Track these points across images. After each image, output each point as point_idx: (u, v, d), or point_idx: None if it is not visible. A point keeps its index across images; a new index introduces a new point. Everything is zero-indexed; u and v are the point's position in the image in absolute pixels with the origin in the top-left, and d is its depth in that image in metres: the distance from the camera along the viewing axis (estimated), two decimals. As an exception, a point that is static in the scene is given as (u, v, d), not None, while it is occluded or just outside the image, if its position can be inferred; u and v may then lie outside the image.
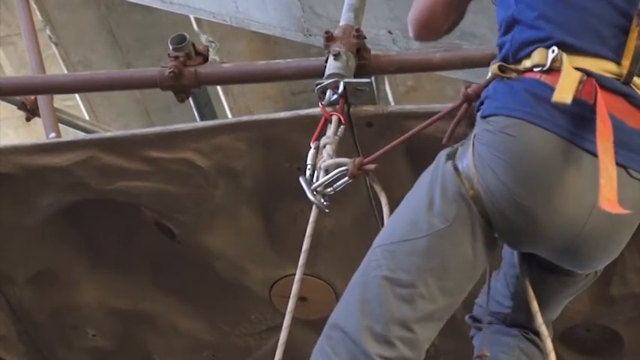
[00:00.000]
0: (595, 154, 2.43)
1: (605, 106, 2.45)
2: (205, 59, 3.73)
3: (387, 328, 2.46)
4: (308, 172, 2.97)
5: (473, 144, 2.54)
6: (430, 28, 2.94)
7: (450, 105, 2.81)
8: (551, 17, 2.58)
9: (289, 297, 2.81)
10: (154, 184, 3.54)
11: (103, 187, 3.57)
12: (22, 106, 5.01)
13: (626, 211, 2.37)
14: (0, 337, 4.04)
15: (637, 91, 2.56)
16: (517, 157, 2.47)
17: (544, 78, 2.52)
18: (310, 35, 4.93)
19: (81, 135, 4.93)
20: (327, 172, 2.92)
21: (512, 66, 2.58)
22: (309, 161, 3.00)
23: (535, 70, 2.54)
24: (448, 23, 2.96)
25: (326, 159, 2.96)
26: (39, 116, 4.87)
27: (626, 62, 2.55)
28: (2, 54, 7.01)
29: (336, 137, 3.08)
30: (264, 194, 3.60)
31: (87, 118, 6.83)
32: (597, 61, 2.55)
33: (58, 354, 4.12)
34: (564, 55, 2.50)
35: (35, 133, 6.56)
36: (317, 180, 2.93)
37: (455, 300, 2.56)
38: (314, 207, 2.92)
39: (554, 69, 2.50)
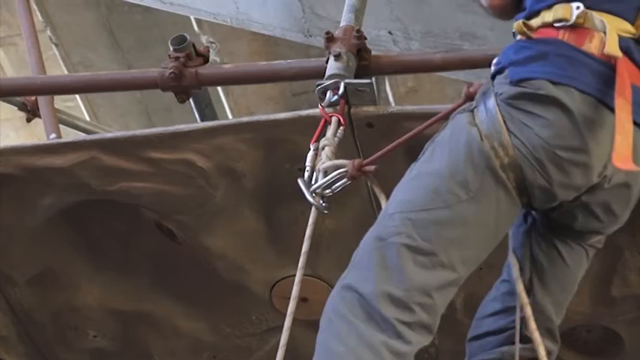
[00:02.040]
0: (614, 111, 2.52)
1: (625, 68, 2.55)
2: (206, 60, 3.74)
3: (408, 294, 2.47)
4: (307, 174, 2.97)
5: (499, 108, 2.55)
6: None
7: (450, 106, 2.81)
8: None
9: (290, 298, 2.81)
10: (155, 184, 3.54)
11: (103, 187, 3.57)
12: (22, 107, 5.01)
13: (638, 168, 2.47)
14: (0, 337, 4.04)
15: None
16: (557, 116, 2.51)
17: (567, 38, 2.59)
18: (311, 36, 4.93)
19: (82, 136, 4.92)
20: (325, 173, 2.92)
21: (532, 21, 2.64)
22: (307, 163, 3.00)
23: (556, 24, 2.60)
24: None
25: (324, 161, 2.96)
26: (40, 117, 4.87)
27: None
28: (3, 55, 7.00)
29: (336, 139, 3.07)
30: (265, 195, 3.60)
31: (87, 118, 6.82)
32: (617, 19, 2.63)
33: (58, 355, 4.12)
34: (593, 13, 2.59)
35: (36, 134, 6.56)
36: (316, 182, 2.93)
37: (473, 268, 2.59)
38: (313, 209, 2.92)
39: (577, 25, 2.59)
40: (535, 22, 2.65)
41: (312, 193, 2.89)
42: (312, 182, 2.93)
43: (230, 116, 6.68)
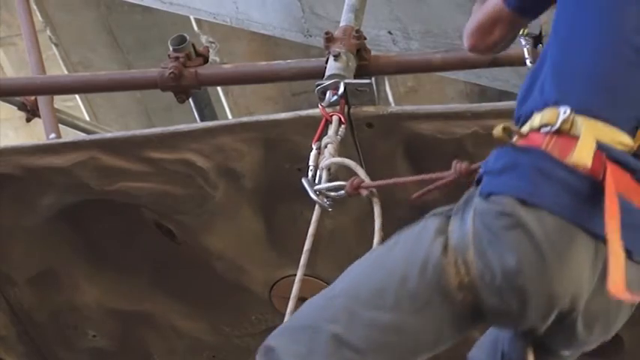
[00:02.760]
0: (601, 237, 2.26)
1: (613, 184, 2.27)
2: (206, 60, 3.74)
3: None
4: (310, 173, 2.97)
5: (473, 223, 2.32)
6: (477, 40, 2.75)
7: (444, 178, 2.61)
8: (566, 70, 2.39)
9: (290, 297, 2.81)
10: (155, 184, 3.54)
11: (103, 187, 3.57)
12: (22, 107, 5.00)
13: (634, 298, 2.27)
14: (0, 338, 4.04)
15: None
16: (521, 241, 2.27)
17: (551, 148, 2.30)
18: (310, 36, 4.93)
19: (81, 136, 4.92)
20: (329, 170, 2.93)
21: (521, 128, 2.37)
22: (311, 162, 3.01)
23: (542, 130, 2.32)
24: (495, 37, 2.72)
25: (328, 158, 2.97)
26: (39, 117, 4.87)
27: None
28: (3, 55, 7.00)
29: (338, 137, 3.09)
30: (265, 195, 3.60)
31: (87, 118, 6.81)
32: (610, 129, 2.33)
33: (58, 355, 4.12)
34: (578, 118, 2.29)
35: (35, 133, 6.55)
36: (320, 180, 2.93)
37: None
38: (317, 207, 2.92)
39: (563, 132, 2.30)
40: (525, 127, 2.37)
41: (315, 192, 2.90)
42: (316, 181, 2.94)
43: (230, 116, 6.68)
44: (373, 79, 3.54)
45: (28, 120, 5.08)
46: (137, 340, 4.08)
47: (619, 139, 2.33)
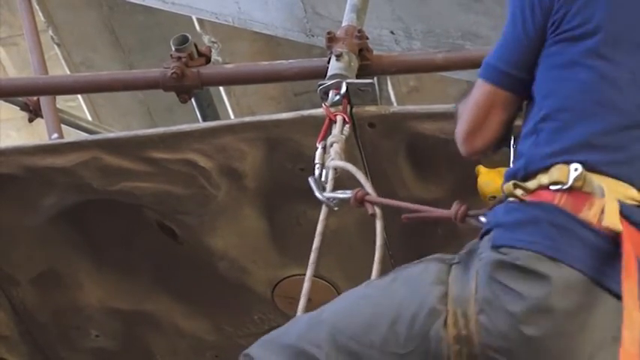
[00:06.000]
0: (618, 296, 2.19)
1: (631, 244, 2.21)
2: (208, 60, 3.73)
3: None
4: (317, 172, 2.99)
5: (477, 276, 2.26)
6: (475, 140, 2.55)
7: (441, 215, 2.60)
8: (567, 124, 2.33)
9: (292, 297, 2.82)
10: (157, 184, 3.54)
11: (105, 187, 3.57)
12: (24, 107, 5.00)
13: None
14: (2, 337, 4.04)
15: None
16: (536, 295, 2.20)
17: (563, 203, 2.25)
18: (313, 36, 4.93)
19: (83, 136, 4.92)
20: (335, 170, 2.93)
21: (528, 183, 2.31)
22: (317, 160, 3.02)
23: (552, 188, 2.27)
24: (495, 129, 2.54)
25: (334, 157, 2.98)
26: (41, 117, 4.87)
27: None
28: (5, 55, 7.01)
29: (343, 136, 3.09)
30: (267, 195, 3.60)
31: (89, 118, 6.81)
32: (621, 185, 2.29)
33: (60, 354, 4.12)
34: (589, 175, 2.25)
35: (38, 134, 6.55)
36: (326, 178, 2.95)
37: None
38: (323, 206, 2.93)
39: (575, 189, 2.25)
40: (531, 184, 2.31)
41: (321, 192, 2.91)
42: (322, 179, 2.96)
43: (232, 116, 6.68)
44: (375, 78, 3.54)
45: (31, 120, 5.08)
46: (139, 340, 4.08)
47: (629, 194, 2.29)
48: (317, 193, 2.91)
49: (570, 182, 2.25)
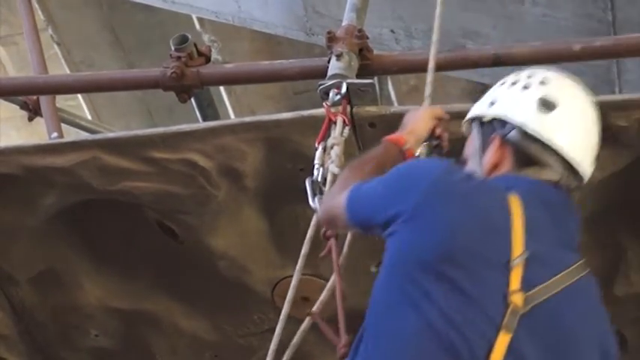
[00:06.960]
0: None
1: None
2: (208, 59, 3.73)
3: None
4: (316, 172, 2.98)
5: None
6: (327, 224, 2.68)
7: None
8: None
9: (293, 297, 2.81)
10: (157, 184, 3.54)
11: (105, 187, 3.56)
12: (24, 106, 5.00)
13: None
14: (2, 337, 4.04)
15: None
16: None
17: None
18: (313, 35, 4.93)
19: (83, 135, 4.92)
20: (334, 176, 2.93)
21: None
22: (316, 161, 3.02)
23: None
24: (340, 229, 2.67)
25: (334, 160, 2.97)
26: (41, 116, 4.86)
27: None
28: (4, 54, 7.01)
29: (343, 138, 3.09)
30: (267, 195, 3.60)
31: (89, 118, 6.82)
32: None
33: (59, 354, 4.12)
34: None
35: (37, 133, 6.55)
36: (324, 180, 2.95)
37: None
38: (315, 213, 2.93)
39: None
40: None
41: (314, 197, 2.90)
42: (321, 180, 2.95)
43: (232, 115, 6.69)
44: (376, 77, 3.53)
45: (30, 119, 5.08)
46: (139, 340, 4.08)
47: None
48: (310, 200, 2.90)
49: None
